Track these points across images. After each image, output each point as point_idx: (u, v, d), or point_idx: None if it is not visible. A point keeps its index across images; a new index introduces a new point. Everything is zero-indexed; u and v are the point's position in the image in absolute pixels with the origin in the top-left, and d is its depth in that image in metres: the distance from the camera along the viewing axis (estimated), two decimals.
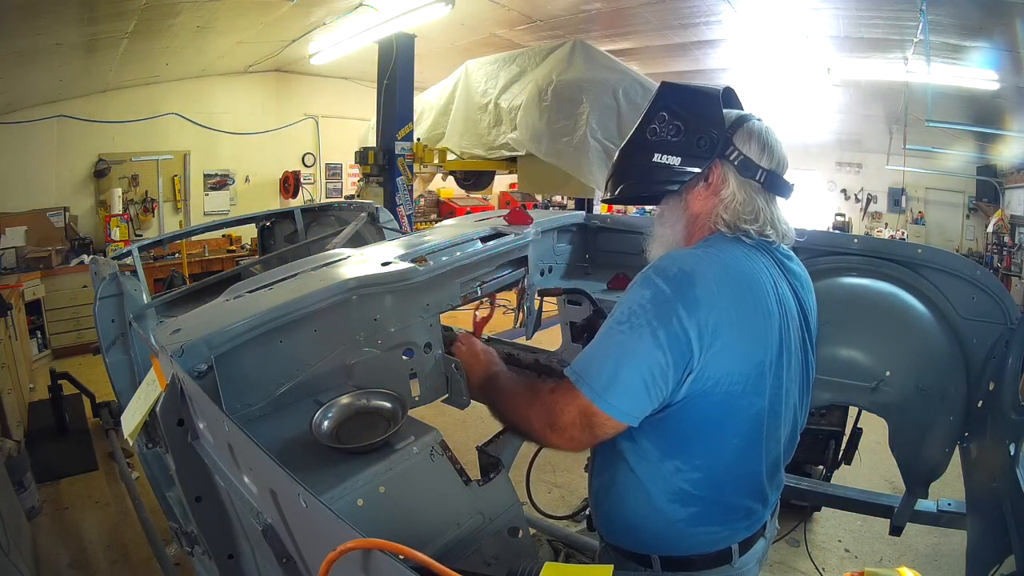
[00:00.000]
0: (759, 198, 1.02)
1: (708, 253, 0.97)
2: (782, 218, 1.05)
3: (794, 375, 1.02)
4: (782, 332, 0.97)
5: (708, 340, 0.89)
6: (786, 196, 1.05)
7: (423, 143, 5.43)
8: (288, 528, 0.82)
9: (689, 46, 6.02)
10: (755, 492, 1.03)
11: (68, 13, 3.83)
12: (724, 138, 1.01)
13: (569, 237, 2.31)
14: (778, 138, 1.04)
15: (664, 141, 1.03)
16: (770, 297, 0.96)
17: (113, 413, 3.67)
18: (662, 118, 1.05)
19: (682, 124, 1.02)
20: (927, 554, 2.62)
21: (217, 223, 3.54)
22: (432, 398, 1.56)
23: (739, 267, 0.96)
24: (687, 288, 0.90)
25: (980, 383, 1.62)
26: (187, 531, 1.62)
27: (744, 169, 1.01)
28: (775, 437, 1.02)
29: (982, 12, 4.17)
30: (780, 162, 1.03)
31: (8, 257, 5.54)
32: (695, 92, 1.08)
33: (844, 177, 10.16)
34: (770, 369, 0.95)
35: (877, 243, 1.85)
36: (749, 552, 1.05)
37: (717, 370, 0.90)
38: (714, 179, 1.02)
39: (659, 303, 0.90)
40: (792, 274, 1.06)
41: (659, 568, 1.03)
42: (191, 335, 1.16)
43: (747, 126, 1.03)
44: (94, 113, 6.26)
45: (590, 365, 0.94)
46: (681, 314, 0.88)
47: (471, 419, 3.34)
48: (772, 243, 1.04)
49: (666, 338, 0.88)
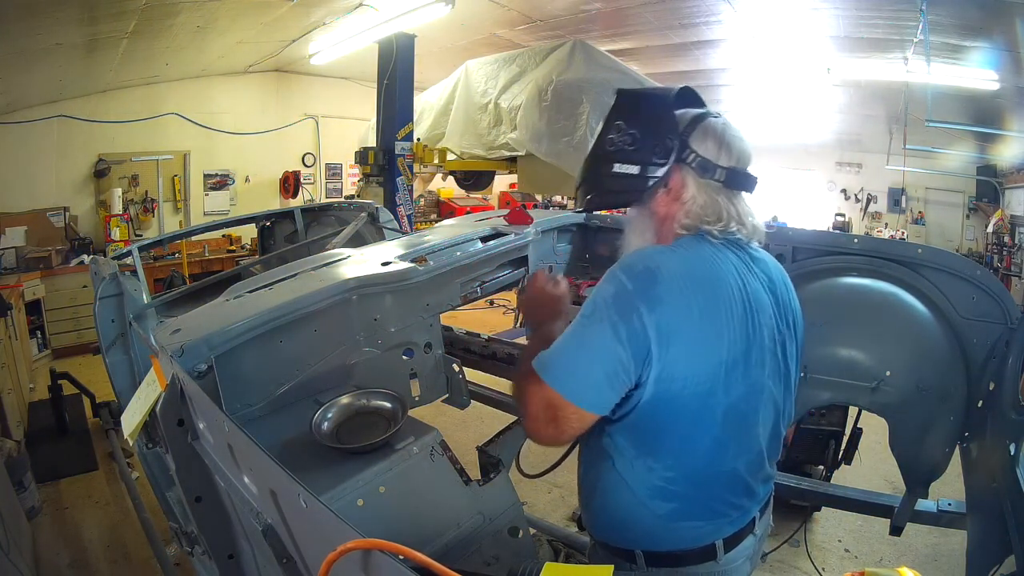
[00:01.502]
0: (721, 198, 1.02)
1: (676, 251, 0.98)
2: (748, 214, 1.05)
3: (770, 371, 1.01)
4: (750, 330, 0.97)
5: (667, 338, 0.90)
6: (750, 190, 1.06)
7: (423, 143, 5.42)
8: (288, 528, 0.82)
9: (689, 46, 6.02)
10: (736, 487, 1.03)
11: (68, 13, 3.83)
12: (680, 142, 1.02)
13: (569, 237, 2.31)
14: (738, 133, 1.05)
15: (622, 151, 1.05)
16: (735, 296, 0.96)
17: (113, 413, 3.67)
18: (619, 127, 1.06)
19: (638, 133, 1.03)
20: (927, 554, 2.62)
21: (217, 223, 3.54)
22: (432, 398, 1.56)
23: (705, 266, 0.97)
24: (649, 285, 0.92)
25: (980, 383, 1.62)
26: (187, 531, 1.62)
27: (703, 170, 1.01)
28: (752, 434, 1.02)
29: (982, 12, 4.17)
30: (740, 157, 1.03)
31: (8, 257, 5.54)
32: (648, 99, 1.09)
33: (844, 177, 10.16)
34: (737, 367, 0.95)
35: (877, 243, 1.85)
36: (736, 549, 1.04)
37: (679, 369, 0.91)
38: (674, 184, 1.03)
39: (621, 299, 0.92)
40: (763, 269, 1.06)
41: (643, 563, 1.03)
42: (191, 335, 1.16)
43: (703, 126, 1.03)
44: (94, 113, 6.26)
45: (554, 356, 0.96)
46: (641, 311, 0.90)
47: (471, 419, 3.34)
48: (740, 240, 1.04)
49: (626, 333, 0.90)
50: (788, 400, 1.09)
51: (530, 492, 2.93)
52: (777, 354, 1.03)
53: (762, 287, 1.02)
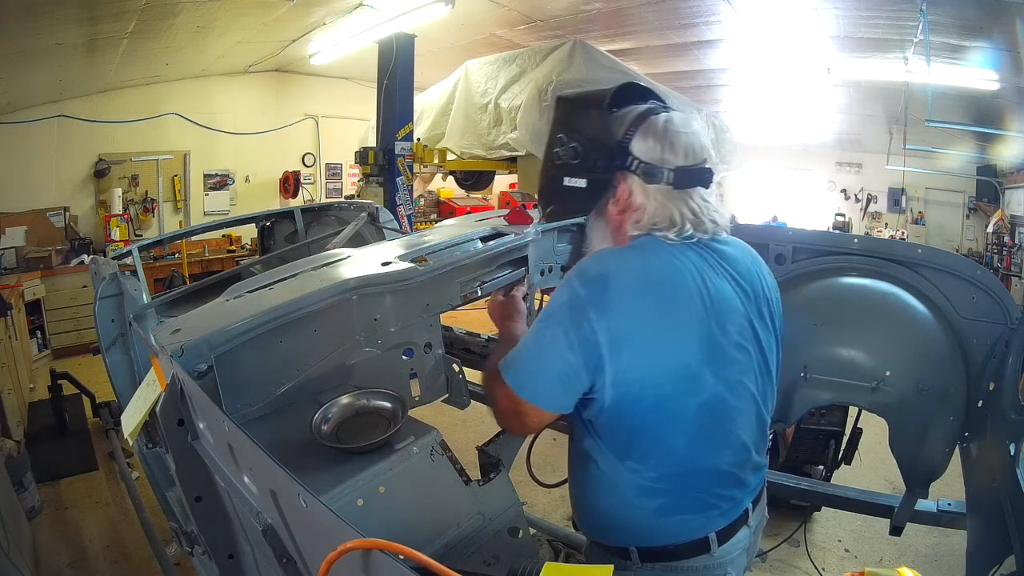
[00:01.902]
0: (671, 202, 0.98)
1: (632, 254, 0.97)
2: (706, 211, 1.00)
3: (741, 366, 0.99)
4: (714, 329, 0.95)
5: (618, 343, 0.90)
6: (705, 185, 1.00)
7: (423, 143, 5.42)
8: (288, 528, 0.82)
9: (689, 46, 6.02)
10: (724, 480, 1.02)
11: (68, 13, 3.83)
12: (620, 149, 0.99)
13: (569, 237, 2.31)
14: (683, 127, 0.99)
15: (568, 164, 1.03)
16: (694, 296, 0.94)
17: (113, 413, 3.67)
18: (561, 140, 1.04)
19: (579, 145, 1.01)
20: (927, 554, 2.62)
21: (217, 223, 3.54)
22: (432, 398, 1.56)
23: (661, 268, 0.95)
24: (600, 291, 0.92)
25: (980, 383, 1.62)
26: (187, 531, 1.62)
27: (648, 175, 0.98)
28: (729, 430, 1.00)
29: (982, 12, 4.17)
30: (688, 153, 0.98)
31: (8, 257, 5.54)
32: (584, 107, 1.06)
33: (844, 177, 10.15)
34: (702, 367, 0.94)
35: (877, 243, 1.85)
36: (730, 542, 1.03)
37: (635, 372, 0.91)
38: (620, 195, 1.01)
39: (573, 306, 0.93)
40: (733, 264, 1.02)
41: (637, 560, 1.03)
42: (191, 335, 1.16)
43: (644, 127, 0.99)
44: (94, 113, 6.26)
45: (514, 358, 0.99)
46: (591, 317, 0.91)
47: (471, 419, 3.34)
48: (703, 239, 1.00)
49: (577, 340, 0.91)
50: (769, 390, 1.07)
51: (530, 492, 2.92)
52: (749, 348, 1.00)
53: (728, 283, 1.00)
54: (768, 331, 1.05)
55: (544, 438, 1.67)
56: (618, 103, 1.05)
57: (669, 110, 1.03)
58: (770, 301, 1.07)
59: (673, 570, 1.02)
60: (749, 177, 9.56)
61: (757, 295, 1.04)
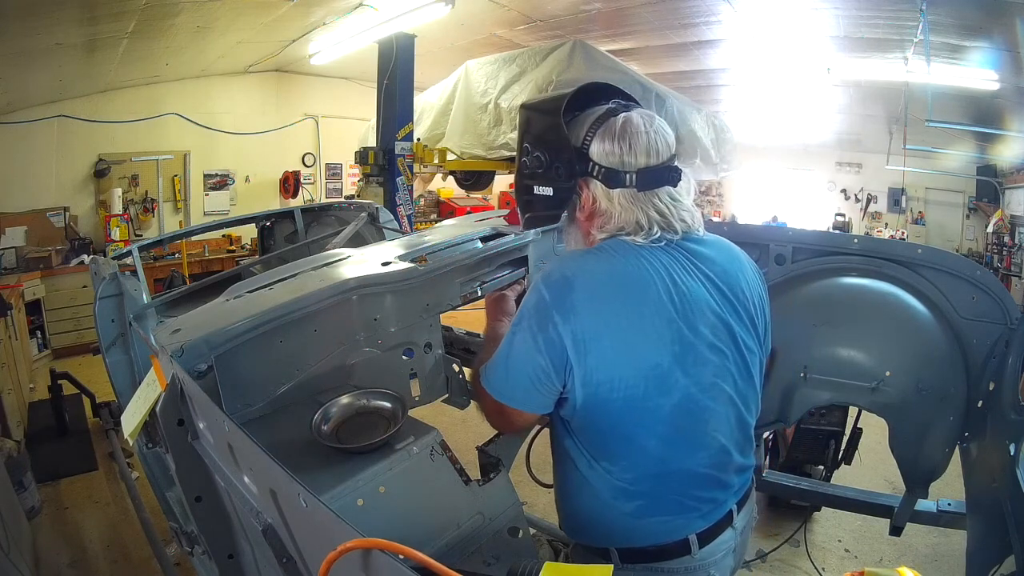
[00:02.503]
0: (636, 205, 0.96)
1: (597, 256, 0.96)
2: (675, 210, 0.98)
3: (716, 368, 0.97)
4: (684, 330, 0.93)
5: (584, 346, 0.91)
6: (672, 184, 0.98)
7: (423, 143, 5.42)
8: (288, 528, 0.82)
9: (689, 46, 6.02)
10: (701, 482, 1.00)
11: (68, 13, 3.83)
12: (578, 155, 0.98)
13: None
14: (645, 126, 0.97)
15: (534, 173, 1.04)
16: (663, 298, 0.93)
17: (113, 413, 3.67)
18: (526, 150, 1.04)
19: (541, 154, 1.01)
20: (927, 554, 2.62)
21: (217, 223, 3.55)
22: (432, 398, 1.56)
23: (626, 270, 0.94)
24: (565, 295, 0.92)
25: (980, 383, 1.61)
26: (187, 531, 1.62)
27: (609, 180, 0.96)
28: (703, 431, 0.98)
29: (982, 12, 4.17)
30: (650, 152, 0.96)
31: (8, 257, 5.54)
32: (541, 114, 1.05)
33: (844, 177, 10.16)
34: (672, 368, 0.92)
35: (877, 243, 1.84)
36: (713, 543, 1.02)
37: (603, 374, 0.91)
38: (584, 201, 1.01)
39: (539, 310, 0.94)
40: (706, 263, 0.99)
41: (617, 561, 1.02)
42: (191, 335, 1.16)
43: (601, 130, 0.97)
44: (94, 113, 6.26)
45: (492, 362, 1.01)
46: (556, 320, 0.91)
47: (471, 419, 3.32)
48: (674, 239, 0.98)
49: (544, 343, 0.92)
50: (749, 390, 1.04)
51: (530, 492, 2.92)
52: (724, 349, 0.98)
53: (701, 283, 0.97)
54: (748, 332, 1.02)
55: (544, 438, 1.66)
56: (580, 105, 1.03)
57: (630, 109, 1.00)
58: (751, 302, 1.04)
59: (654, 571, 1.01)
60: (749, 177, 9.57)
61: (736, 296, 1.01)
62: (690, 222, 1.00)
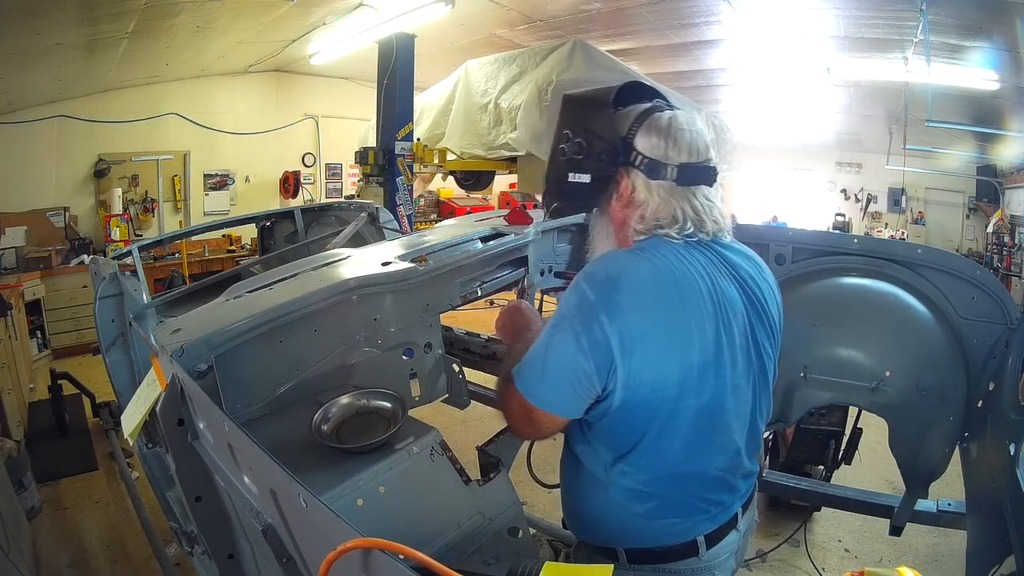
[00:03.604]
0: (674, 198, 0.98)
1: (640, 256, 0.96)
2: (710, 210, 1.00)
3: (742, 370, 0.99)
4: (721, 331, 0.95)
5: (630, 346, 0.90)
6: (709, 183, 1.01)
7: (423, 143, 5.42)
8: (288, 528, 0.82)
9: (689, 46, 6.02)
10: (712, 485, 1.02)
11: (68, 13, 3.83)
12: (624, 145, 1.00)
13: (569, 237, 2.31)
14: (687, 124, 1.00)
15: (572, 160, 1.04)
16: (704, 297, 0.94)
17: (113, 413, 3.67)
18: (566, 137, 1.04)
19: (583, 141, 1.02)
20: (927, 554, 2.62)
21: (217, 223, 3.54)
22: (432, 398, 1.56)
23: (670, 269, 0.95)
24: (611, 293, 0.91)
25: (980, 383, 1.62)
26: (187, 531, 1.62)
27: (652, 172, 0.98)
28: (725, 433, 1.00)
29: (982, 12, 4.17)
30: (692, 150, 0.99)
31: (8, 257, 5.54)
32: (589, 103, 1.07)
33: (844, 177, 10.16)
34: (709, 369, 0.94)
35: (877, 243, 1.85)
36: (719, 545, 1.04)
37: (647, 374, 0.91)
38: (623, 190, 1.01)
39: (583, 309, 0.92)
40: (735, 267, 1.02)
41: (625, 561, 1.03)
42: (191, 335, 1.16)
43: (647, 123, 1.00)
44: (94, 113, 6.26)
45: (526, 364, 0.98)
46: (602, 320, 0.90)
47: (471, 419, 3.34)
48: (705, 239, 1.00)
49: (588, 343, 0.90)
50: (764, 395, 1.07)
51: (530, 492, 2.92)
52: (750, 352, 1.01)
53: (732, 285, 1.00)
54: (768, 337, 1.05)
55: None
56: (622, 101, 1.05)
57: (673, 108, 1.04)
58: (771, 308, 1.07)
59: (660, 572, 1.02)
60: (749, 177, 9.57)
61: (760, 301, 1.04)
62: (720, 224, 1.03)
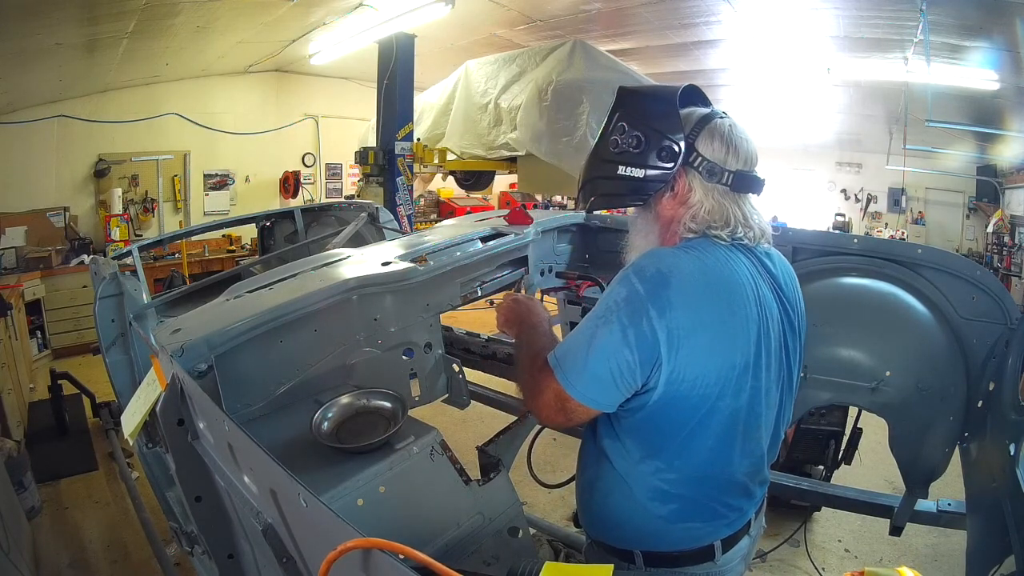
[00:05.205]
0: (727, 201, 1.01)
1: (689, 254, 0.97)
2: (755, 217, 1.04)
3: (774, 376, 1.02)
4: (760, 334, 0.97)
5: (677, 342, 0.90)
6: (757, 192, 1.04)
7: (423, 143, 5.42)
8: (288, 528, 0.82)
9: (689, 46, 6.02)
10: (735, 490, 1.03)
11: (68, 13, 3.83)
12: (686, 145, 1.00)
13: (569, 237, 2.31)
14: (744, 134, 1.03)
15: (627, 152, 1.03)
16: (749, 299, 0.96)
17: (113, 413, 3.67)
18: (622, 129, 1.04)
19: (642, 135, 1.01)
20: (927, 554, 2.62)
21: (217, 223, 3.54)
22: (432, 398, 1.56)
23: (719, 269, 0.96)
24: (661, 289, 0.92)
25: (980, 383, 1.61)
26: (187, 531, 1.62)
27: (710, 174, 1.00)
28: (755, 437, 1.02)
29: (982, 12, 4.16)
30: (748, 159, 1.01)
31: (8, 257, 5.54)
32: (653, 99, 1.06)
33: (844, 177, 10.16)
34: (748, 371, 0.96)
35: (877, 243, 1.85)
36: (733, 550, 1.05)
37: (690, 371, 0.92)
38: (680, 188, 1.02)
39: (632, 302, 0.92)
40: (772, 275, 1.05)
41: (641, 564, 1.03)
42: (191, 335, 1.16)
43: (710, 127, 1.01)
44: (94, 113, 6.26)
45: (567, 353, 0.98)
46: (651, 315, 0.90)
47: (471, 419, 3.34)
48: (749, 244, 1.03)
49: (634, 337, 0.91)
50: (788, 402, 1.09)
51: (530, 492, 2.92)
52: (782, 358, 1.04)
53: (771, 290, 1.03)
54: (796, 343, 1.08)
55: (544, 438, 1.67)
56: (683, 101, 1.06)
57: (728, 116, 1.05)
58: (800, 314, 1.10)
59: None
60: None
61: (792, 308, 1.07)
62: (764, 230, 1.05)
